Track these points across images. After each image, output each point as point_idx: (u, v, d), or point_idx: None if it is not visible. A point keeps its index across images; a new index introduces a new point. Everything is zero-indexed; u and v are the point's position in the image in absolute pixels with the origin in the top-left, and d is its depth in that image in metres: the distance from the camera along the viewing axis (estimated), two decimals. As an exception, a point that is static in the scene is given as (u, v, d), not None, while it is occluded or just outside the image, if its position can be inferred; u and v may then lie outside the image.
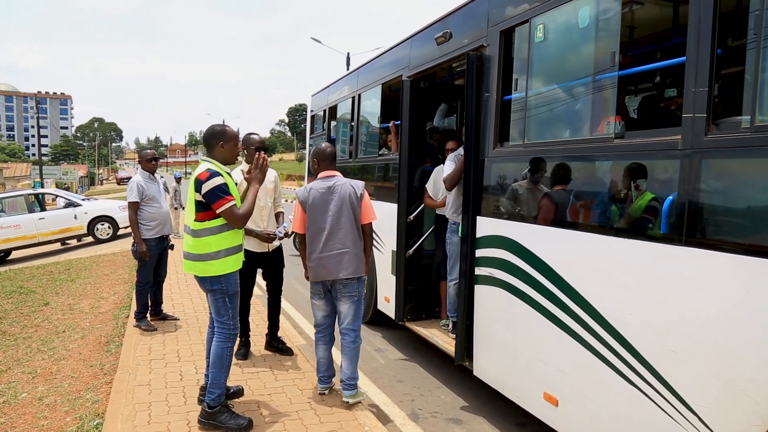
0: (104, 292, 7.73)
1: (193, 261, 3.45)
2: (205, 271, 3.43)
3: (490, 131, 3.82)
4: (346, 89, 7.22)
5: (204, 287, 3.52)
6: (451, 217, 4.76)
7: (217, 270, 3.44)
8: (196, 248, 3.43)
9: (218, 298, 3.50)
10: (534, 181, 3.42)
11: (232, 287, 3.53)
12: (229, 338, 3.54)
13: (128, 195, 5.47)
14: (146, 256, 5.40)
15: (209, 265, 3.42)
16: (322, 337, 4.01)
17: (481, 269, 3.91)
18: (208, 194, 3.34)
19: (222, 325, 3.53)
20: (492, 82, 3.83)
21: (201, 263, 3.43)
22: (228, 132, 3.60)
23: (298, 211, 3.83)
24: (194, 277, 3.55)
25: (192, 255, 3.46)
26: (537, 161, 3.36)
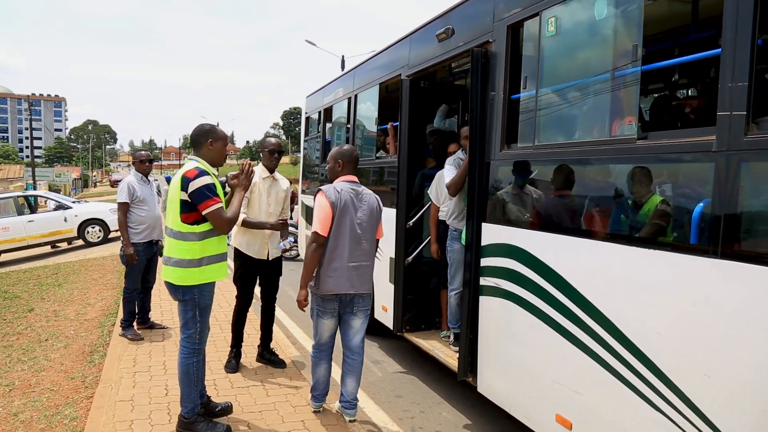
0: (91, 298, 7.45)
1: (174, 267, 3.21)
2: (183, 279, 3.20)
3: (497, 132, 3.59)
4: (341, 90, 7.00)
5: (175, 296, 3.29)
6: (452, 224, 4.54)
7: (194, 279, 3.21)
8: (179, 252, 3.20)
9: (188, 310, 3.28)
10: (545, 185, 3.19)
11: (205, 299, 3.30)
12: (194, 353, 3.33)
13: (118, 195, 5.23)
14: (134, 260, 5.15)
15: (186, 272, 3.19)
16: (325, 357, 3.69)
17: (486, 279, 3.68)
18: (195, 193, 3.13)
19: (188, 339, 3.31)
20: (498, 80, 3.60)
21: (181, 270, 3.19)
22: (218, 131, 3.39)
23: (326, 210, 3.39)
24: (165, 284, 3.31)
25: (173, 260, 3.22)
26: (549, 164, 3.14)
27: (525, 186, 3.38)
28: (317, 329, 3.58)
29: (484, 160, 3.71)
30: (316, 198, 3.43)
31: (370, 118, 6.01)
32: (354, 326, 3.58)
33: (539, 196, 3.25)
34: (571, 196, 2.99)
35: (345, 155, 3.58)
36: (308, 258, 3.38)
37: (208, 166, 3.30)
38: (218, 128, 3.42)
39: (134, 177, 5.37)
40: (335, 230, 3.39)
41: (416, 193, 5.04)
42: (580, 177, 2.97)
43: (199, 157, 3.33)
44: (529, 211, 3.32)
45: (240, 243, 4.41)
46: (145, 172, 5.43)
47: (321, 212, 3.38)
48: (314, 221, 3.41)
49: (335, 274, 3.38)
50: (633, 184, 2.63)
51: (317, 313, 3.53)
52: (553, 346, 3.02)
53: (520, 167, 3.42)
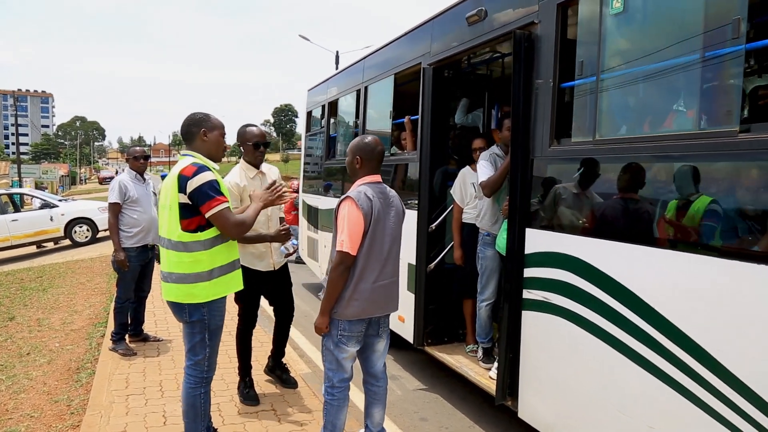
0: (78, 305, 6.93)
1: (177, 283, 2.72)
2: (189, 296, 2.72)
3: (544, 126, 3.15)
4: (349, 82, 6.52)
5: (180, 316, 2.79)
6: (484, 227, 4.09)
7: (203, 295, 2.73)
8: (182, 266, 2.72)
9: (196, 333, 2.79)
10: (609, 186, 2.75)
11: (216, 320, 2.82)
12: (201, 383, 2.85)
13: (109, 195, 4.74)
14: (125, 267, 4.66)
15: (194, 288, 2.71)
16: (347, 395, 3.02)
17: (531, 292, 3.24)
18: (195, 193, 2.66)
19: (195, 367, 2.82)
20: (546, 66, 3.16)
21: (185, 286, 2.71)
22: (212, 119, 2.93)
23: (358, 224, 2.75)
24: (168, 303, 2.82)
25: (175, 275, 2.73)
26: (615, 161, 2.69)
27: (582, 187, 2.93)
28: (337, 361, 2.91)
29: (529, 158, 3.27)
30: (343, 207, 2.81)
31: (383, 111, 5.54)
32: (378, 349, 3.07)
33: (601, 199, 2.80)
34: (644, 199, 2.55)
35: (367, 150, 2.91)
36: (333, 281, 2.80)
37: (208, 161, 2.84)
38: (212, 116, 2.94)
39: (127, 175, 4.87)
40: (367, 247, 2.80)
41: (437, 194, 4.58)
42: (655, 177, 2.53)
43: (193, 151, 2.86)
44: (588, 216, 2.87)
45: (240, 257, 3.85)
46: (140, 169, 4.92)
47: (351, 227, 2.75)
48: (342, 237, 2.77)
49: (361, 297, 2.83)
50: (729, 187, 2.20)
51: (338, 340, 2.87)
52: (621, 372, 2.59)
53: (576, 165, 2.97)
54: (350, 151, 2.95)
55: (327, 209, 7.04)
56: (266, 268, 3.85)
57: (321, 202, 7.35)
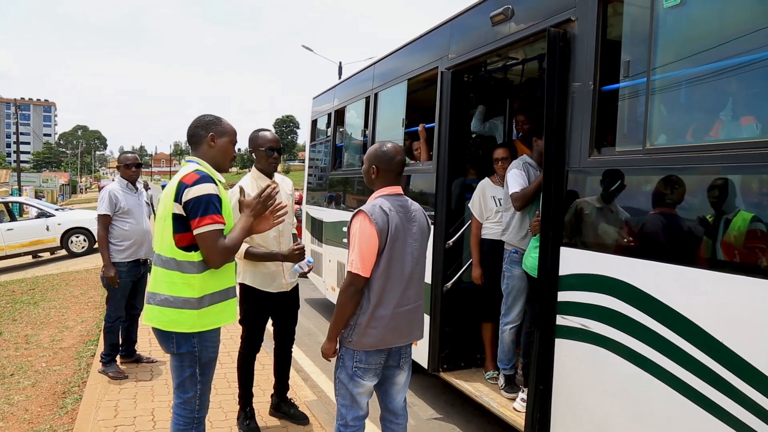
0: (70, 320, 6.58)
1: (161, 306, 2.36)
2: (174, 323, 2.35)
3: (583, 134, 2.83)
4: (358, 89, 6.23)
5: (167, 347, 2.42)
6: (511, 244, 3.76)
7: (190, 324, 2.35)
8: (170, 287, 2.35)
9: (185, 366, 2.41)
10: (662, 201, 2.43)
11: (209, 352, 2.44)
12: (193, 423, 2.46)
13: (98, 206, 4.40)
14: (115, 284, 4.31)
15: (181, 314, 2.34)
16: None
17: (567, 318, 2.90)
18: (190, 203, 2.30)
19: (184, 406, 2.44)
20: (585, 67, 2.85)
21: (171, 311, 2.34)
22: (223, 123, 2.57)
23: (371, 242, 2.41)
24: (153, 331, 2.46)
25: (160, 297, 2.36)
26: (671, 173, 2.37)
27: (629, 202, 2.61)
28: (351, 396, 2.54)
29: (564, 169, 2.95)
30: (355, 222, 2.47)
31: (395, 119, 5.23)
32: (398, 382, 2.70)
33: (653, 216, 2.48)
34: (707, 217, 2.23)
35: (383, 159, 2.55)
36: (342, 304, 2.47)
37: (213, 171, 2.48)
38: (224, 120, 2.59)
39: (118, 184, 4.52)
40: (384, 268, 2.45)
41: (454, 208, 4.26)
42: (720, 191, 2.21)
43: (198, 157, 2.51)
44: (638, 236, 2.54)
45: (247, 277, 3.45)
46: (132, 178, 4.57)
47: (363, 245, 2.41)
48: (352, 257, 2.44)
49: (380, 324, 2.47)
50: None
51: (354, 373, 2.50)
52: (676, 415, 2.25)
53: (621, 177, 2.65)
54: (367, 159, 2.61)
55: (332, 222, 6.72)
56: (277, 290, 3.49)
57: (326, 215, 7.03)
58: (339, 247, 6.34)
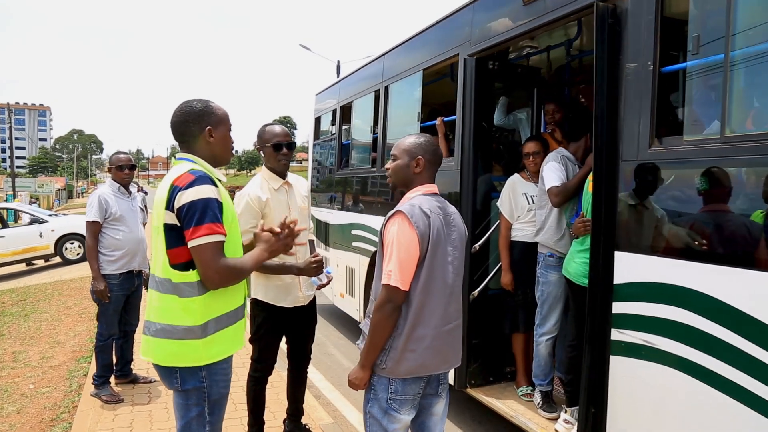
0: (62, 334, 6.18)
1: (159, 338, 1.96)
2: (176, 357, 1.95)
3: (642, 121, 2.46)
4: (366, 82, 5.85)
5: (170, 384, 2.02)
6: (546, 246, 3.39)
7: (193, 357, 1.96)
8: (168, 314, 1.95)
9: (191, 405, 2.00)
10: (748, 198, 2.06)
11: (219, 388, 2.04)
12: None
13: (87, 212, 3.99)
14: (105, 298, 3.92)
15: (183, 346, 1.94)
16: None
17: (624, 333, 2.53)
18: (184, 210, 1.89)
19: None
20: (641, 46, 2.48)
21: (171, 343, 1.94)
22: (215, 109, 2.10)
23: (412, 249, 2.04)
24: (153, 366, 2.07)
25: (158, 327, 1.96)
26: (760, 165, 2.00)
27: (703, 199, 2.24)
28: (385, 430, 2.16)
29: (617, 162, 2.58)
30: (392, 225, 2.08)
31: (409, 113, 4.86)
32: (437, 412, 2.31)
33: (737, 215, 2.11)
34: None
35: (429, 150, 2.21)
36: (378, 325, 2.08)
37: (212, 170, 2.07)
38: (214, 105, 2.12)
39: (109, 188, 4.11)
40: (425, 280, 2.08)
41: (480, 208, 3.88)
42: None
43: (192, 154, 2.08)
44: (718, 239, 2.17)
45: (259, 291, 3.07)
46: (125, 181, 4.14)
47: (403, 252, 2.04)
48: (390, 267, 2.04)
49: (420, 346, 2.10)
50: None
51: (389, 406, 2.13)
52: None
53: (691, 171, 2.27)
54: (406, 152, 2.22)
55: (339, 224, 6.35)
56: (293, 304, 3.10)
57: (332, 217, 6.65)
58: (347, 251, 5.97)
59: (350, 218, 5.97)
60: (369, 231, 5.43)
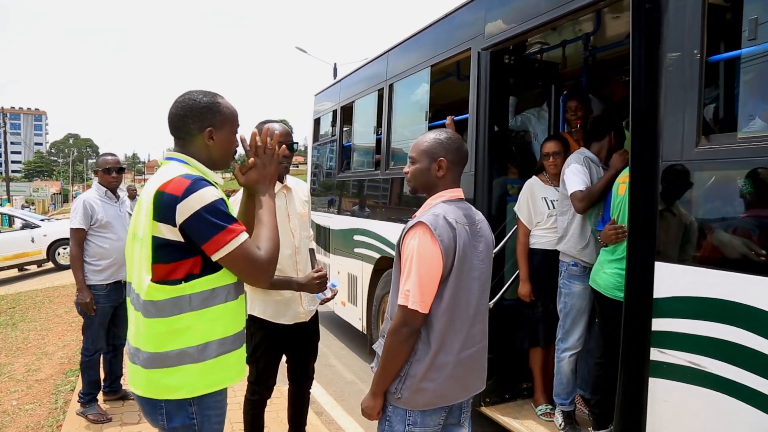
0: (50, 344, 5.89)
1: (146, 368, 1.67)
2: (166, 389, 1.67)
3: (686, 117, 2.20)
4: (368, 81, 5.59)
5: (154, 421, 1.73)
6: (570, 255, 3.14)
7: (188, 386, 1.67)
8: (155, 341, 1.66)
9: None
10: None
11: (211, 425, 1.75)
12: None
13: (71, 219, 3.71)
14: (91, 311, 3.64)
15: (175, 374, 1.65)
16: None
17: (666, 353, 2.27)
18: (192, 223, 1.60)
19: None
20: (685, 33, 2.22)
21: (160, 372, 1.66)
22: (223, 107, 1.81)
23: (433, 266, 1.78)
24: (137, 399, 1.77)
25: (145, 355, 1.68)
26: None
27: (758, 203, 1.98)
28: None
29: (657, 163, 2.32)
30: (412, 238, 1.81)
31: (416, 113, 4.61)
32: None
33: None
34: None
35: (450, 148, 1.93)
36: (392, 350, 1.83)
37: (206, 172, 1.78)
38: (222, 101, 1.82)
39: (95, 192, 3.82)
40: (449, 300, 1.82)
41: (495, 213, 3.62)
42: None
43: (185, 154, 1.79)
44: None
45: (256, 307, 2.77)
46: (112, 185, 3.85)
47: (424, 270, 1.77)
48: (408, 286, 1.78)
49: (440, 375, 1.84)
50: None
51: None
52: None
53: (748, 171, 2.02)
54: (425, 154, 1.95)
55: (340, 230, 6.08)
56: (293, 320, 2.81)
57: (333, 222, 6.38)
58: (349, 258, 5.70)
59: (352, 223, 5.70)
60: (372, 237, 5.17)
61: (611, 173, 2.98)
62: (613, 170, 2.99)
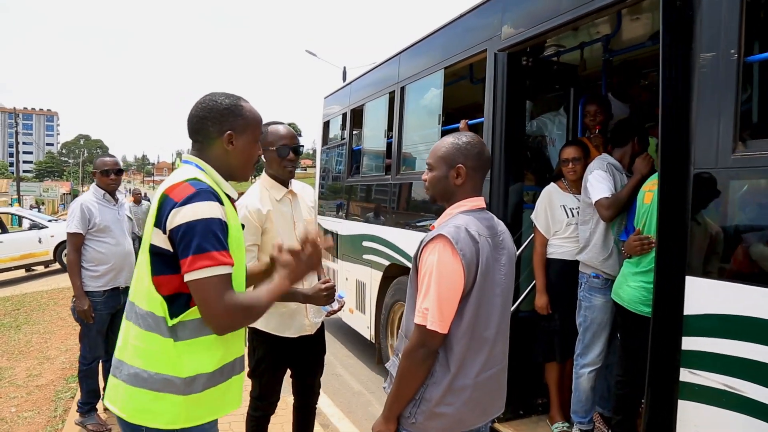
0: (53, 348, 5.80)
1: (129, 384, 1.53)
2: (147, 414, 1.52)
3: (723, 121, 2.06)
4: (379, 83, 5.46)
5: None
6: (591, 266, 2.99)
7: (171, 417, 1.52)
8: (145, 357, 1.53)
9: None
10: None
11: None
12: None
13: (67, 222, 3.58)
14: (89, 318, 3.52)
15: (157, 401, 1.51)
16: None
17: (698, 374, 2.12)
18: (181, 231, 1.46)
19: None
20: (722, 31, 2.08)
21: (142, 394, 1.51)
22: (246, 111, 1.68)
23: (453, 283, 1.63)
24: (117, 422, 1.61)
25: (129, 370, 1.54)
26: None
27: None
28: None
29: (689, 171, 2.17)
30: (431, 253, 1.67)
31: (428, 116, 4.47)
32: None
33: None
34: None
35: (471, 155, 1.77)
36: (407, 373, 1.69)
37: (222, 182, 1.66)
38: (246, 105, 1.69)
39: (93, 195, 3.69)
40: (470, 320, 1.67)
41: (511, 221, 3.48)
42: None
43: (202, 159, 1.66)
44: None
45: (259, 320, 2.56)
46: (111, 187, 3.72)
47: (444, 287, 1.63)
48: (426, 304, 1.64)
49: (458, 399, 1.69)
50: None
51: None
52: None
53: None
54: (442, 160, 1.80)
55: (349, 235, 5.95)
56: (298, 333, 2.66)
57: (342, 227, 6.25)
58: (358, 264, 5.57)
59: (361, 229, 5.57)
60: (381, 243, 5.04)
61: (636, 178, 2.84)
62: (639, 175, 2.85)
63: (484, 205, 1.84)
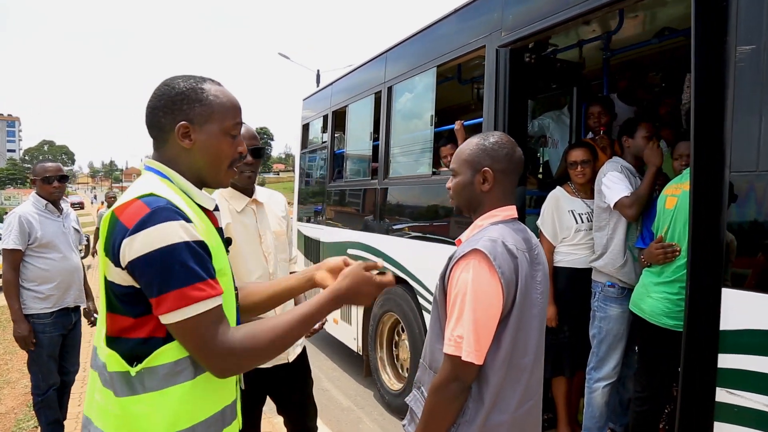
0: (15, 370, 5.38)
1: None
2: None
3: (765, 121, 1.89)
4: (364, 84, 5.23)
5: None
6: (606, 273, 2.81)
7: None
8: (101, 417, 1.21)
9: None
10: None
11: None
12: None
13: (3, 237, 3.16)
14: (30, 346, 3.14)
15: None
16: None
17: (737, 395, 1.95)
18: (140, 266, 1.12)
19: None
20: (763, 20, 1.91)
21: None
22: (207, 96, 1.28)
23: (492, 307, 1.43)
24: None
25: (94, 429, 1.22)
26: None
27: None
28: None
29: (724, 175, 2.00)
30: (465, 271, 1.45)
31: (419, 117, 4.26)
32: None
33: None
34: None
35: (497, 155, 1.57)
36: (437, 411, 1.47)
37: (191, 189, 1.30)
38: (210, 87, 1.30)
39: (33, 206, 3.27)
40: (508, 348, 1.45)
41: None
42: None
43: (163, 163, 1.30)
44: None
45: None
46: (53, 196, 3.31)
47: (481, 311, 1.41)
48: (460, 331, 1.42)
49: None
50: None
51: None
52: None
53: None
54: (467, 163, 1.59)
55: (332, 242, 5.69)
56: (272, 363, 2.31)
57: (324, 234, 5.99)
58: (343, 273, 5.31)
59: (345, 236, 5.32)
60: (368, 251, 4.80)
61: (652, 171, 2.71)
62: (653, 168, 2.72)
63: (517, 215, 1.62)
